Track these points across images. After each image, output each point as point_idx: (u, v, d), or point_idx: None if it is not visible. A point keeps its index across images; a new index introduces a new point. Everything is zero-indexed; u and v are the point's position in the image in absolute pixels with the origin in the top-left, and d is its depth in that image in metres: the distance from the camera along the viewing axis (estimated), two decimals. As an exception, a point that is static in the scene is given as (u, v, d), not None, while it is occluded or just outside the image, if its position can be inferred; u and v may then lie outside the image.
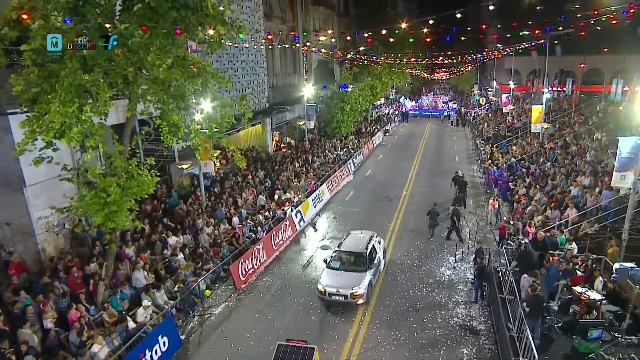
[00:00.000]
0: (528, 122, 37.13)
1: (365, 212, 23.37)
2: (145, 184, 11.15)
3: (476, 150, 37.99)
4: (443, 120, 58.18)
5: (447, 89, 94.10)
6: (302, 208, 22.18)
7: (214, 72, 11.51)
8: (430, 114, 63.32)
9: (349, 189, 27.89)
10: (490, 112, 52.08)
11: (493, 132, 38.20)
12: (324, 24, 45.92)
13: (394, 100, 70.30)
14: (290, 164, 28.49)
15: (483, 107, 59.34)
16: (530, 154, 27.84)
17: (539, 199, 20.02)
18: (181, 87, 11.18)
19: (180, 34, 9.18)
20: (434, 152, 39.17)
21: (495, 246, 18.61)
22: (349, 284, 14.07)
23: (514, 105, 43.49)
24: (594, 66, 49.94)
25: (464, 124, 53.93)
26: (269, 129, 31.97)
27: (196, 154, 12.88)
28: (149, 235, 16.14)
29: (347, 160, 31.89)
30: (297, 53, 39.60)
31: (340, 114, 36.40)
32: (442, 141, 44.93)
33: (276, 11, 34.05)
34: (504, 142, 33.12)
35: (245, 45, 27.92)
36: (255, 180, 24.50)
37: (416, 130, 52.34)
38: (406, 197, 25.86)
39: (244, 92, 28.57)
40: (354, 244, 16.00)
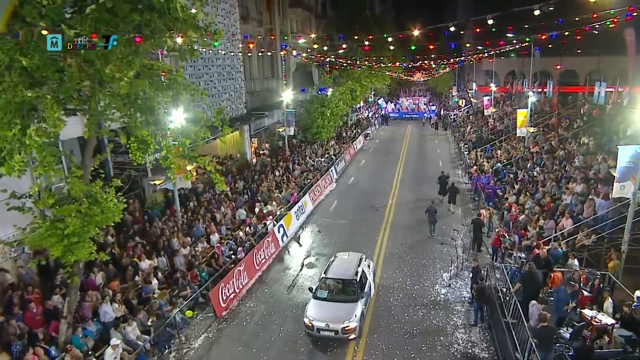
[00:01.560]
0: (511, 125, 36.91)
1: (351, 224, 22.31)
2: (110, 210, 9.79)
3: (459, 154, 37.42)
4: (424, 123, 57.63)
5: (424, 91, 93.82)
6: (285, 222, 20.96)
7: (186, 84, 10.23)
8: (410, 116, 62.83)
9: (333, 199, 26.82)
10: (470, 115, 51.64)
11: (476, 136, 37.50)
12: (302, 27, 44.82)
13: (372, 103, 69.54)
14: (270, 172, 27.23)
15: (463, 109, 58.99)
16: (516, 158, 27.20)
17: (530, 207, 19.26)
18: (149, 100, 9.87)
19: (140, 42, 7.83)
20: (416, 156, 38.41)
21: (489, 259, 17.79)
22: (339, 317, 12.61)
23: (495, 108, 42.98)
24: (568, 67, 50.10)
25: (445, 127, 53.39)
26: (247, 135, 30.69)
27: (168, 173, 11.55)
28: (119, 259, 14.72)
29: (330, 168, 30.83)
30: (275, 57, 38.33)
31: (320, 119, 35.30)
32: (423, 145, 44.28)
33: (253, 14, 32.80)
34: (488, 147, 32.50)
35: (222, 51, 26.56)
36: (234, 192, 23.19)
37: (397, 134, 51.66)
38: (392, 206, 24.90)
39: (221, 97, 27.36)
40: (342, 269, 14.46)
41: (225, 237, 18.34)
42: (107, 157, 18.12)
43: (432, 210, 20.52)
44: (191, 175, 12.39)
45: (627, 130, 22.73)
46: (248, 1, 32.43)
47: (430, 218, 20.52)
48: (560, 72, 45.15)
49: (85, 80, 7.72)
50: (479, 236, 18.67)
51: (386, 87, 69.98)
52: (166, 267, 15.29)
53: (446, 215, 22.84)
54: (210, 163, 11.00)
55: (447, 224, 21.68)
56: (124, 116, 10.04)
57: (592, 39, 39.12)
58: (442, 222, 21.66)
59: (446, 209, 23.41)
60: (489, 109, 41.92)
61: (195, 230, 17.88)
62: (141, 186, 19.85)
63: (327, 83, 38.89)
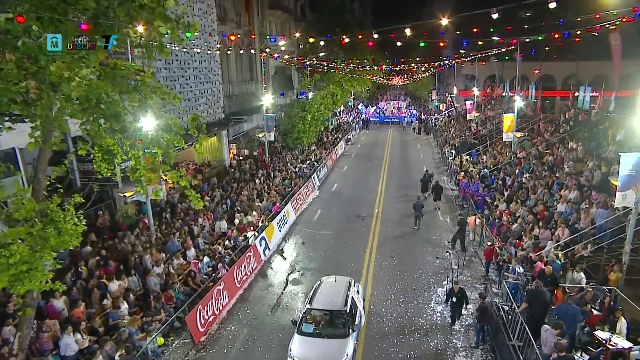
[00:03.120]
0: (494, 130, 36.48)
1: (336, 235, 21.19)
2: (66, 233, 8.39)
3: (443, 159, 36.81)
4: (405, 127, 57.10)
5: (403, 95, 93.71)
6: (267, 234, 19.70)
7: (156, 86, 8.92)
8: (391, 120, 62.34)
9: (316, 207, 25.67)
10: (452, 119, 51.25)
11: (460, 141, 36.89)
12: (281, 29, 43.77)
13: (352, 107, 68.84)
14: (250, 180, 25.95)
15: (443, 113, 58.70)
16: (503, 164, 26.54)
17: (523, 215, 18.49)
18: (114, 105, 8.54)
19: (87, 30, 6.48)
20: (400, 162, 37.61)
21: (482, 271, 16.89)
22: (328, 355, 11.10)
23: (478, 112, 42.56)
24: (546, 72, 50.30)
25: (426, 131, 52.95)
26: (226, 141, 29.42)
27: (137, 187, 10.20)
28: (86, 279, 13.25)
29: (312, 174, 29.73)
30: (254, 59, 37.10)
31: (301, 124, 34.15)
32: (406, 150, 43.61)
33: (231, 14, 31.51)
34: (473, 152, 31.82)
35: (197, 50, 25.21)
36: (212, 202, 21.85)
37: (378, 139, 51.00)
38: (379, 215, 23.88)
39: (197, 101, 26.01)
40: (329, 297, 12.66)
41: (203, 252, 16.98)
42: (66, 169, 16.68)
43: (418, 206, 21.53)
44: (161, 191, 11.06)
45: (616, 135, 22.29)
46: (226, 2, 31.16)
47: (416, 213, 21.49)
48: (538, 76, 45.05)
49: (28, 79, 6.34)
50: (463, 235, 18.97)
51: (366, 91, 69.52)
52: (138, 288, 13.86)
53: (432, 214, 23.29)
54: (184, 177, 9.66)
55: (437, 234, 20.80)
56: (86, 123, 8.68)
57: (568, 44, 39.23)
58: (432, 232, 20.87)
59: (433, 207, 24.12)
60: (471, 113, 41.43)
61: (170, 245, 16.50)
62: (112, 196, 18.37)
63: (307, 87, 37.77)
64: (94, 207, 17.40)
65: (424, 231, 21.26)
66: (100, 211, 17.11)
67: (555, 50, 44.54)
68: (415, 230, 21.36)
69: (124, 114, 9.13)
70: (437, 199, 24.41)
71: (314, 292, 13.16)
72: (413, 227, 21.59)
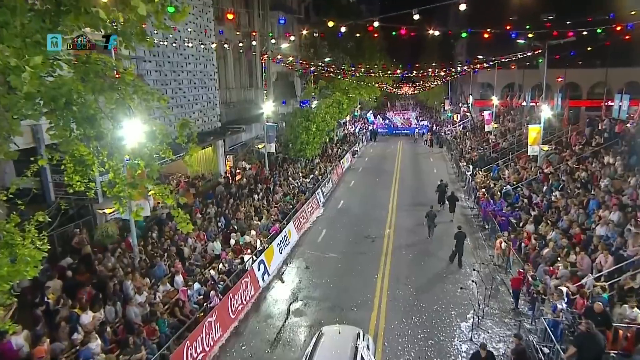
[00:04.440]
0: (515, 143, 35.56)
1: (344, 259, 20.16)
2: (22, 260, 7.37)
3: (459, 174, 35.93)
4: (416, 139, 56.39)
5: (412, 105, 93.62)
6: (266, 257, 18.70)
7: (138, 85, 7.99)
8: (400, 132, 61.75)
9: (321, 227, 24.71)
10: (468, 131, 50.45)
11: (478, 154, 35.98)
12: (284, 31, 43.22)
13: (359, 118, 68.29)
14: (248, 196, 25.03)
15: (458, 125, 57.96)
16: (528, 180, 25.55)
17: (556, 238, 17.40)
18: (87, 106, 7.59)
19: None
20: (412, 177, 36.76)
21: (511, 303, 15.77)
22: None
23: (497, 123, 41.75)
24: (570, 80, 49.60)
25: (440, 144, 52.21)
26: (222, 152, 28.70)
27: (116, 205, 9.21)
28: (55, 310, 12.19)
29: (316, 190, 28.85)
30: (254, 64, 36.50)
31: (304, 135, 33.42)
32: (418, 164, 42.81)
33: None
34: (494, 167, 30.86)
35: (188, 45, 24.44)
36: (204, 219, 20.87)
37: (387, 151, 50.27)
38: (391, 236, 22.87)
39: (191, 108, 25.26)
40: (332, 355, 10.57)
41: (193, 277, 15.93)
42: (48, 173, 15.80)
43: (431, 215, 22.12)
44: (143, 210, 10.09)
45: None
46: (224, 1, 30.61)
47: (429, 222, 22.12)
48: (561, 84, 44.31)
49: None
50: (461, 250, 19.10)
51: (373, 100, 69.16)
52: (116, 321, 12.78)
53: (446, 224, 23.19)
54: (170, 195, 8.67)
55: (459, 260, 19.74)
56: (54, 127, 7.75)
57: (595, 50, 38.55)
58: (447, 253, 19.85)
59: (448, 219, 24.22)
60: (490, 124, 40.57)
61: (157, 270, 15.45)
62: (92, 212, 17.42)
63: (311, 94, 37.11)
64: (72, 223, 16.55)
65: (442, 255, 20.25)
66: (77, 229, 16.14)
67: (581, 57, 43.77)
68: (429, 240, 21.94)
69: (100, 118, 8.23)
70: (452, 211, 25.03)
71: (313, 348, 10.94)
72: (427, 237, 22.21)
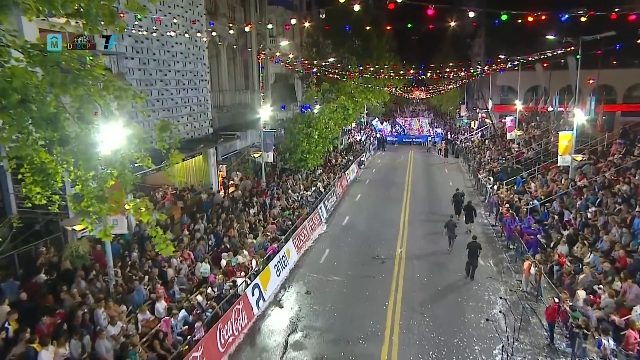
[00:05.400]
0: (542, 152, 34.95)
1: (349, 283, 19.47)
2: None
3: (478, 187, 35.40)
4: (429, 148, 55.93)
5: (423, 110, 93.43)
6: (262, 280, 18.05)
7: (108, 79, 7.38)
8: (411, 140, 61.47)
9: (323, 245, 24.08)
10: (487, 139, 49.90)
11: (499, 165, 35.35)
12: (284, 28, 42.97)
13: (365, 124, 67.93)
14: (242, 211, 24.45)
15: (476, 132, 57.48)
16: (559, 194, 24.85)
17: (595, 262, 16.68)
18: (47, 104, 6.98)
19: None
20: (425, 190, 36.20)
21: (546, 337, 14.96)
22: None
23: (521, 130, 41.23)
24: (602, 82, 49.06)
25: (455, 153, 51.80)
26: (213, 161, 28.16)
27: (83, 221, 8.55)
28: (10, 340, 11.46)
29: (318, 204, 28.34)
30: (250, 64, 36.10)
31: (306, 143, 32.93)
32: (432, 176, 42.26)
33: (223, 9, 30.58)
34: (518, 179, 30.20)
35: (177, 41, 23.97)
36: (193, 237, 20.23)
37: (397, 162, 49.88)
38: (402, 257, 22.20)
39: (179, 112, 24.78)
40: None
41: (177, 304, 15.20)
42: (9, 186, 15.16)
43: (451, 225, 22.67)
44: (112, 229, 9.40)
45: None
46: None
47: (449, 233, 22.62)
48: (593, 87, 43.73)
49: None
50: (474, 263, 19.49)
51: (381, 105, 68.90)
52: (83, 357, 12.00)
53: (464, 236, 23.04)
54: (146, 211, 8.01)
55: (479, 283, 19.12)
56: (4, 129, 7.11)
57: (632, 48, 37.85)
58: (473, 280, 19.16)
59: (465, 230, 24.48)
60: (512, 132, 39.99)
61: (135, 295, 14.73)
62: (62, 228, 16.75)
63: (313, 98, 36.63)
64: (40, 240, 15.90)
65: (462, 279, 19.62)
66: (44, 247, 15.47)
67: (615, 55, 43.21)
68: (449, 251, 22.34)
69: (64, 119, 7.59)
70: (470, 221, 25.37)
71: None
72: (447, 249, 22.66)
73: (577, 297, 15.27)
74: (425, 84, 78.14)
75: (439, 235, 24.63)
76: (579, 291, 15.76)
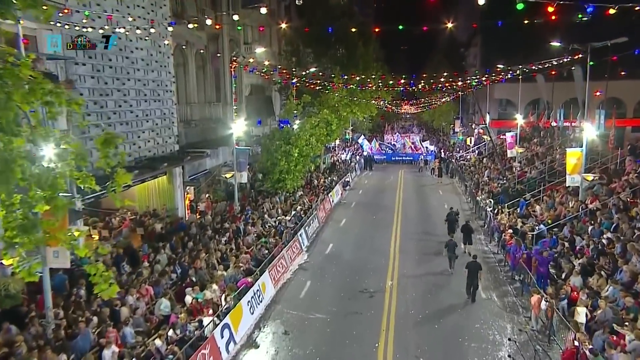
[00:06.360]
0: (546, 171, 34.86)
1: (334, 321, 18.87)
2: None
3: (477, 211, 35.32)
4: (421, 168, 56.01)
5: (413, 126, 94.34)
6: (232, 319, 17.37)
7: (38, 81, 6.67)
8: (401, 159, 61.91)
9: (304, 278, 23.58)
10: (485, 157, 49.98)
11: (500, 186, 35.21)
12: (260, 34, 42.80)
13: (351, 141, 68.01)
14: (212, 239, 23.94)
15: (472, 150, 57.67)
16: (568, 218, 24.54)
17: (615, 296, 16.18)
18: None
19: None
20: (417, 214, 36.05)
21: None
22: None
23: (523, 148, 41.25)
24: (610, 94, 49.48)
25: (450, 173, 52.02)
26: (179, 182, 27.53)
27: (5, 257, 7.67)
28: None
29: (298, 230, 28.00)
30: (222, 74, 35.67)
31: (284, 162, 32.59)
32: (424, 197, 42.24)
33: (191, 11, 30.14)
34: (521, 201, 29.93)
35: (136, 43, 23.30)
36: (152, 269, 19.58)
37: (386, 182, 50.01)
38: (394, 290, 21.74)
39: (140, 126, 24.15)
40: None
41: (130, 351, 14.27)
42: None
43: (451, 245, 23.66)
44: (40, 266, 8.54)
45: None
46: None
47: (449, 254, 23.47)
48: (600, 100, 44.02)
49: None
50: (475, 282, 20.17)
51: (368, 120, 69.07)
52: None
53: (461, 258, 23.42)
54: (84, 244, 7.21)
55: (481, 320, 18.60)
56: None
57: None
58: (474, 317, 18.80)
59: (461, 252, 24.98)
60: (513, 149, 39.97)
61: (80, 341, 13.76)
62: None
63: (293, 112, 36.32)
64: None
65: (462, 316, 19.12)
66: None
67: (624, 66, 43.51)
68: (451, 273, 23.11)
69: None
70: (468, 242, 26.03)
71: None
72: (449, 270, 23.42)
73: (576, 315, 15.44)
74: (415, 97, 78.77)
75: (433, 264, 24.59)
76: (578, 308, 15.80)
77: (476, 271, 20.10)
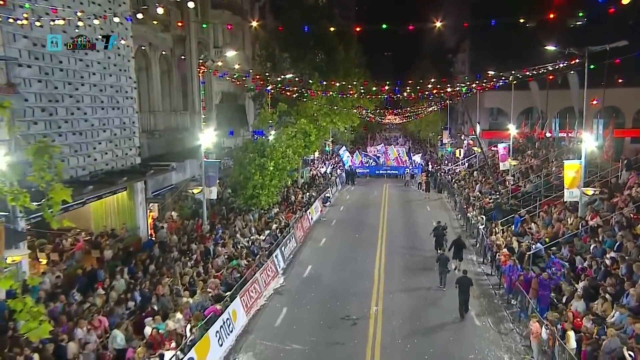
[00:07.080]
0: (542, 185, 34.90)
1: (313, 353, 18.51)
2: None
3: (468, 228, 35.35)
4: (407, 182, 56.22)
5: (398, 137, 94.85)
6: (198, 352, 16.87)
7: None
8: (386, 172, 62.33)
9: (279, 304, 23.21)
10: (476, 170, 50.15)
11: (492, 201, 35.19)
12: (232, 37, 42.43)
13: (331, 154, 68.04)
14: (177, 261, 23.44)
15: (462, 162, 58.14)
16: (567, 236, 24.38)
17: (622, 322, 15.84)
18: None
19: None
20: (404, 232, 36.03)
21: None
22: None
23: (517, 160, 41.29)
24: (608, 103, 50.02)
25: (438, 187, 52.29)
26: (141, 199, 27.14)
27: None
28: None
29: (274, 251, 27.77)
30: (189, 79, 35.21)
31: (259, 176, 32.27)
32: (411, 214, 42.38)
33: (154, 10, 29.52)
34: (516, 218, 29.77)
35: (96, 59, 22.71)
36: (108, 297, 18.93)
37: (370, 198, 50.22)
38: (379, 316, 21.43)
39: (96, 136, 23.70)
40: None
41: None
42: None
43: (443, 259, 24.53)
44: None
45: None
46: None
47: (441, 268, 24.19)
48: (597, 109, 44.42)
49: None
50: (467, 299, 20.91)
51: (349, 131, 69.19)
52: None
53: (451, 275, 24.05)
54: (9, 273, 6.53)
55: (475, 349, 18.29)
56: None
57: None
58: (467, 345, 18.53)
59: (452, 267, 25.45)
60: (505, 161, 40.02)
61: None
62: None
63: (267, 121, 36.11)
64: None
65: (454, 345, 18.80)
66: None
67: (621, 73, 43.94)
68: (442, 289, 23.74)
69: None
70: (459, 258, 26.36)
71: None
72: (438, 286, 24.10)
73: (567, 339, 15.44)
74: (400, 106, 79.16)
75: (422, 286, 24.63)
76: (568, 332, 15.79)
77: (467, 287, 20.90)
